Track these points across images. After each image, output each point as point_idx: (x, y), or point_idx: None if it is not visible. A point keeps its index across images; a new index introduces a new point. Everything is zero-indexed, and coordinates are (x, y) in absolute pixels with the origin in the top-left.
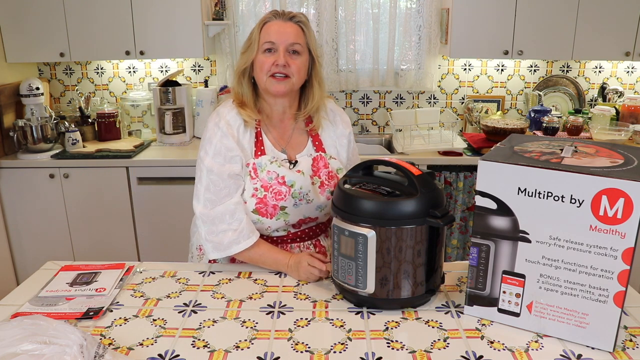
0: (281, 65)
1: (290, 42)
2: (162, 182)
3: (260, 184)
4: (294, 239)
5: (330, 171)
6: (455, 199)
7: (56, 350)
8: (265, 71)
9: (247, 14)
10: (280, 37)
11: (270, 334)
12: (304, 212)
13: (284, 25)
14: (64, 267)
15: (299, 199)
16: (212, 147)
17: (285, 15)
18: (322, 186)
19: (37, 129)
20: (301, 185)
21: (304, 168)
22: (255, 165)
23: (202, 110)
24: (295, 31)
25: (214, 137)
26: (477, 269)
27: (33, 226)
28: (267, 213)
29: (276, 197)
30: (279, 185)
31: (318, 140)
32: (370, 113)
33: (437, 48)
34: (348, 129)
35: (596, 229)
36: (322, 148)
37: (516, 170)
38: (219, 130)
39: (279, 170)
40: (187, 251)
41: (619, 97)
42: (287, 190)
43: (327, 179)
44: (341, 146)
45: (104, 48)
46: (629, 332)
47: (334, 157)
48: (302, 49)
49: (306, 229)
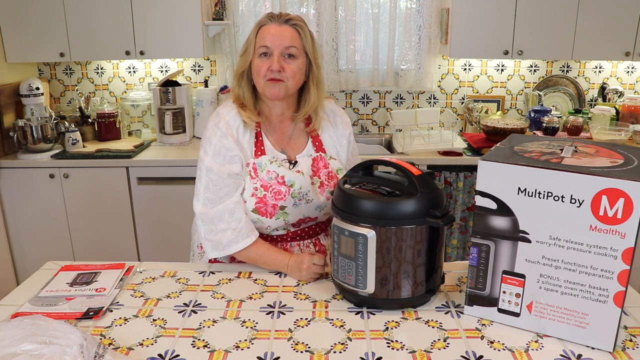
0: (275, 70)
1: (285, 45)
2: (162, 182)
3: (260, 184)
4: (293, 237)
5: (330, 171)
6: (455, 199)
7: (56, 350)
8: (262, 76)
9: (247, 14)
10: (275, 40)
11: (270, 334)
12: (303, 212)
13: (279, 29)
14: (64, 267)
15: (299, 199)
16: (212, 147)
17: (281, 18)
18: (322, 186)
19: (37, 129)
20: (301, 185)
21: (304, 168)
22: (255, 164)
23: (202, 110)
24: (291, 34)
25: (214, 137)
26: (477, 269)
27: (33, 226)
28: (266, 212)
29: (276, 196)
30: (278, 185)
31: (318, 140)
32: (370, 113)
33: (437, 48)
34: (348, 130)
35: (596, 229)
36: (322, 149)
37: (516, 170)
38: (219, 130)
39: (278, 170)
40: (187, 251)
41: (619, 97)
42: (287, 190)
43: (327, 179)
44: (341, 147)
45: (104, 48)
46: (629, 332)
47: (333, 158)
48: (298, 52)
49: (305, 228)
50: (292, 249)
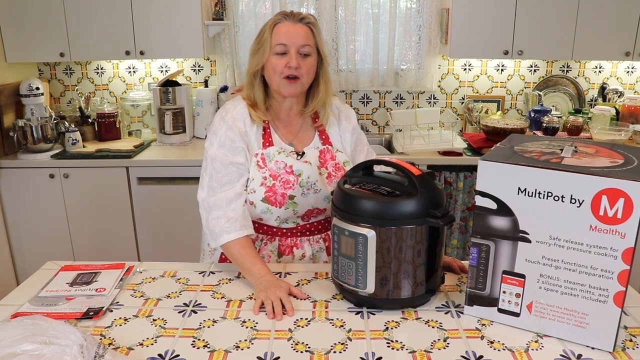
0: (294, 67)
1: (300, 43)
2: (162, 182)
3: (269, 173)
4: (303, 232)
5: (337, 163)
6: (455, 199)
7: (56, 350)
8: (279, 73)
9: (247, 14)
10: (291, 38)
11: (270, 334)
12: (312, 203)
13: (294, 27)
14: (64, 267)
15: (307, 188)
16: (217, 139)
17: (295, 17)
18: (330, 177)
19: (37, 129)
20: (309, 174)
21: (311, 159)
22: (263, 155)
23: (202, 110)
24: (305, 33)
25: (220, 130)
26: (477, 269)
27: (33, 226)
28: (276, 202)
29: (285, 185)
30: (287, 175)
31: (325, 134)
32: (370, 113)
33: (437, 48)
34: (351, 124)
35: (596, 229)
36: (329, 142)
37: (516, 170)
38: (225, 123)
39: (286, 160)
40: (187, 251)
41: (619, 97)
42: (295, 179)
43: (335, 170)
44: (345, 141)
45: (104, 48)
46: (629, 332)
47: (340, 151)
48: (312, 50)
49: (315, 222)
50: (301, 244)
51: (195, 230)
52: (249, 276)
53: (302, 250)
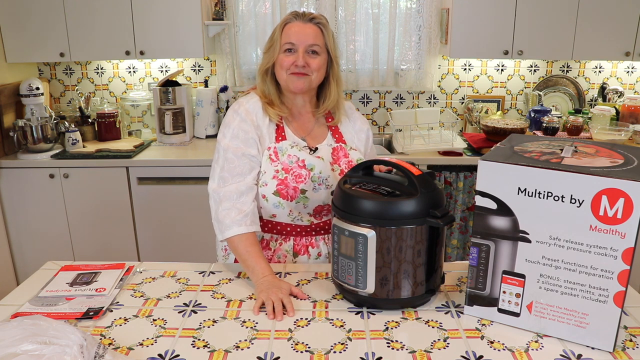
0: (300, 66)
1: (309, 43)
2: (162, 182)
3: (281, 167)
4: (317, 230)
5: (351, 161)
6: (455, 199)
7: (56, 350)
8: (285, 69)
9: (247, 14)
10: (299, 38)
11: (270, 334)
12: (323, 199)
13: (304, 27)
14: (64, 267)
15: (318, 183)
16: (230, 131)
17: (306, 17)
18: (342, 174)
19: (37, 129)
20: (321, 169)
21: (324, 155)
22: (276, 149)
23: (202, 110)
24: (315, 32)
25: (233, 122)
26: (477, 269)
27: (33, 226)
28: (287, 195)
29: (297, 179)
30: (299, 169)
31: (338, 133)
32: (370, 113)
33: (437, 48)
34: (366, 125)
35: (596, 229)
36: (343, 140)
37: (516, 170)
38: (238, 115)
39: (299, 154)
40: (186, 251)
41: (619, 97)
42: (307, 174)
43: (347, 167)
44: (359, 140)
45: (104, 48)
46: (629, 332)
47: (354, 149)
48: (321, 50)
49: (328, 220)
50: (317, 243)
51: (195, 230)
52: (251, 274)
53: (318, 249)
